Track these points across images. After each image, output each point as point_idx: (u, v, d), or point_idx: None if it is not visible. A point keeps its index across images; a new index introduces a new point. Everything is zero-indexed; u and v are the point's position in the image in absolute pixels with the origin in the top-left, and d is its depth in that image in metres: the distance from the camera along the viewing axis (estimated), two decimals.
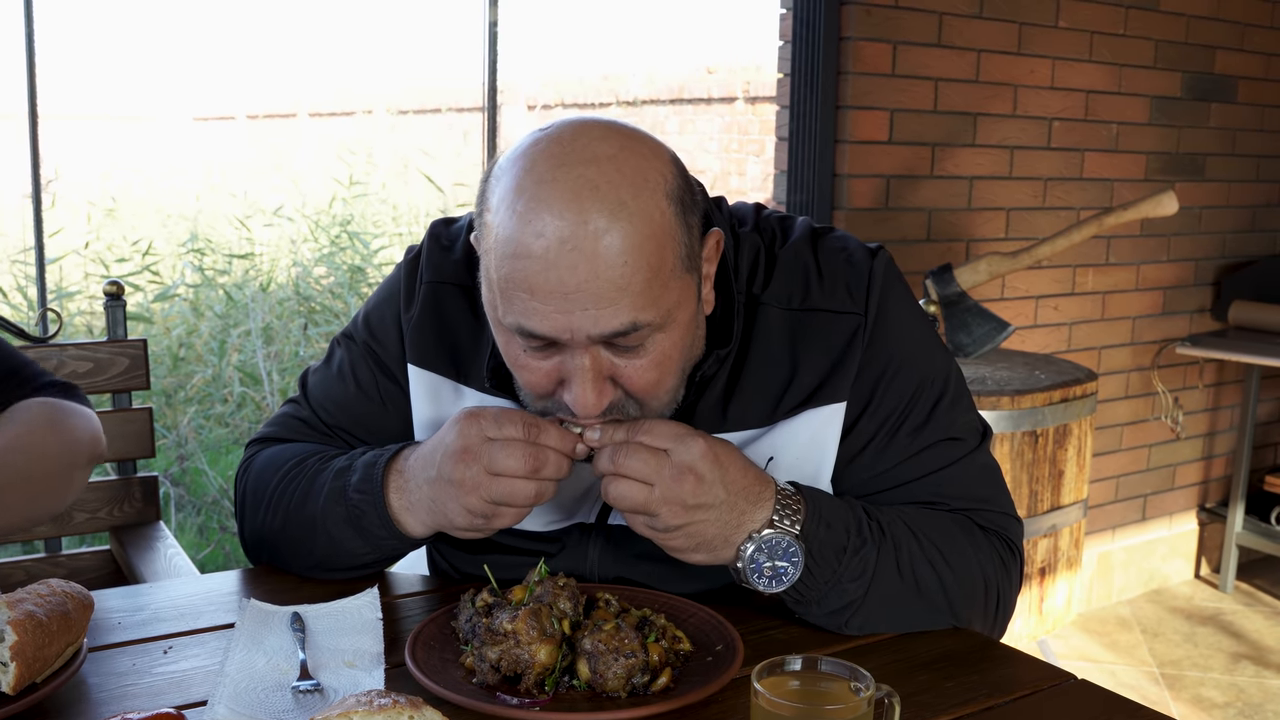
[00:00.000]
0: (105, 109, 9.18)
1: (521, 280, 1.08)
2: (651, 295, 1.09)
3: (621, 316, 1.08)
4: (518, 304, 1.09)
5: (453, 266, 1.35)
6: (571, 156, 1.08)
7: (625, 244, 1.06)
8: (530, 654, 1.06)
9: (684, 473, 1.11)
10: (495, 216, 1.10)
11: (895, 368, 1.28)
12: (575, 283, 1.06)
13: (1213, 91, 3.95)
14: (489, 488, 1.15)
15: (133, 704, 1.05)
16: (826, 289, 1.28)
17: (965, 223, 3.44)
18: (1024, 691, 1.13)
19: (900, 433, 1.28)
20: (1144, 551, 4.17)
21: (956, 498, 1.29)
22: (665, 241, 1.10)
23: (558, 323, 1.08)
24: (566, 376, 1.13)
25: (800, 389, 1.26)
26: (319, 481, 1.30)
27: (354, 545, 1.29)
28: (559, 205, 1.06)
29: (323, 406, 1.42)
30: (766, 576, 1.15)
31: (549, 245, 1.06)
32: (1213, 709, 3.31)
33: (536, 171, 1.08)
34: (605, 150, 1.09)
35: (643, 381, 1.14)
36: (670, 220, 1.10)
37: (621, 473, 1.12)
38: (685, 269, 1.13)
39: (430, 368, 1.34)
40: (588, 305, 1.07)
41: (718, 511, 1.13)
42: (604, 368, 1.13)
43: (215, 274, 5.73)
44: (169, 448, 4.64)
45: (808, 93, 3.13)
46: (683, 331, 1.16)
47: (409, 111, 8.49)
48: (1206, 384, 4.22)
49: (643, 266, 1.08)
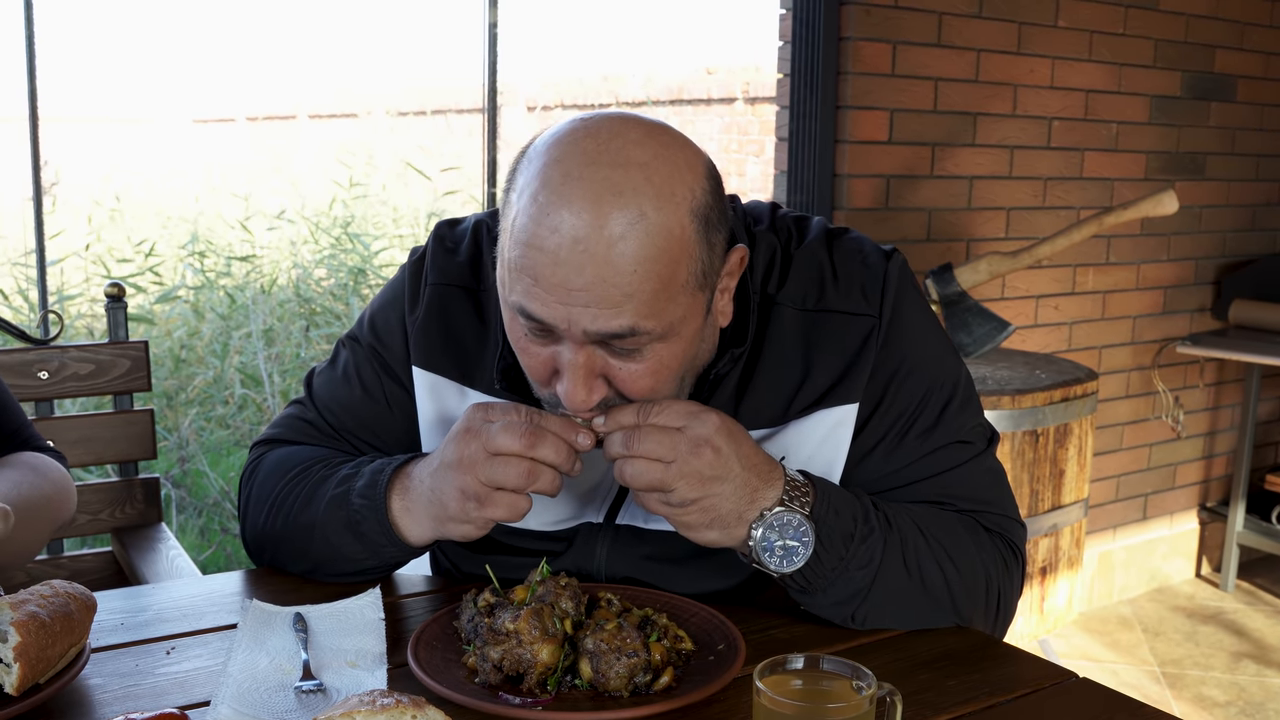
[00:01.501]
0: (105, 111, 9.19)
1: (530, 268, 1.08)
2: (657, 306, 1.09)
3: (622, 320, 1.08)
4: (522, 287, 1.10)
5: (457, 269, 1.36)
6: (603, 156, 1.07)
7: (638, 254, 1.06)
8: (532, 653, 1.06)
9: (700, 445, 1.11)
10: (518, 199, 1.11)
11: (907, 370, 1.28)
12: (581, 283, 1.06)
13: (1212, 90, 3.96)
14: (485, 467, 1.14)
15: (136, 704, 1.06)
16: (841, 290, 1.28)
17: (965, 222, 3.44)
18: (1025, 690, 1.13)
19: (910, 434, 1.28)
20: (1145, 551, 4.17)
21: (962, 499, 1.30)
22: (680, 258, 1.09)
23: (557, 312, 1.09)
24: (560, 366, 1.14)
25: (813, 389, 1.27)
26: (323, 488, 1.30)
27: (352, 551, 1.28)
28: (579, 204, 1.06)
29: (328, 408, 1.41)
30: (778, 555, 1.16)
31: (562, 242, 1.06)
32: (1214, 708, 3.31)
33: (565, 165, 1.08)
34: (639, 156, 1.08)
35: (636, 387, 1.14)
36: (690, 237, 1.10)
37: (637, 454, 1.12)
38: (698, 286, 1.13)
39: (435, 369, 1.34)
40: (590, 304, 1.07)
41: (733, 485, 1.13)
42: (597, 366, 1.13)
43: (216, 276, 5.73)
44: (170, 449, 4.64)
45: (807, 93, 3.14)
46: (685, 344, 1.16)
47: (409, 113, 8.49)
48: (1207, 383, 4.23)
49: (652, 278, 1.07)
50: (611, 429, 1.14)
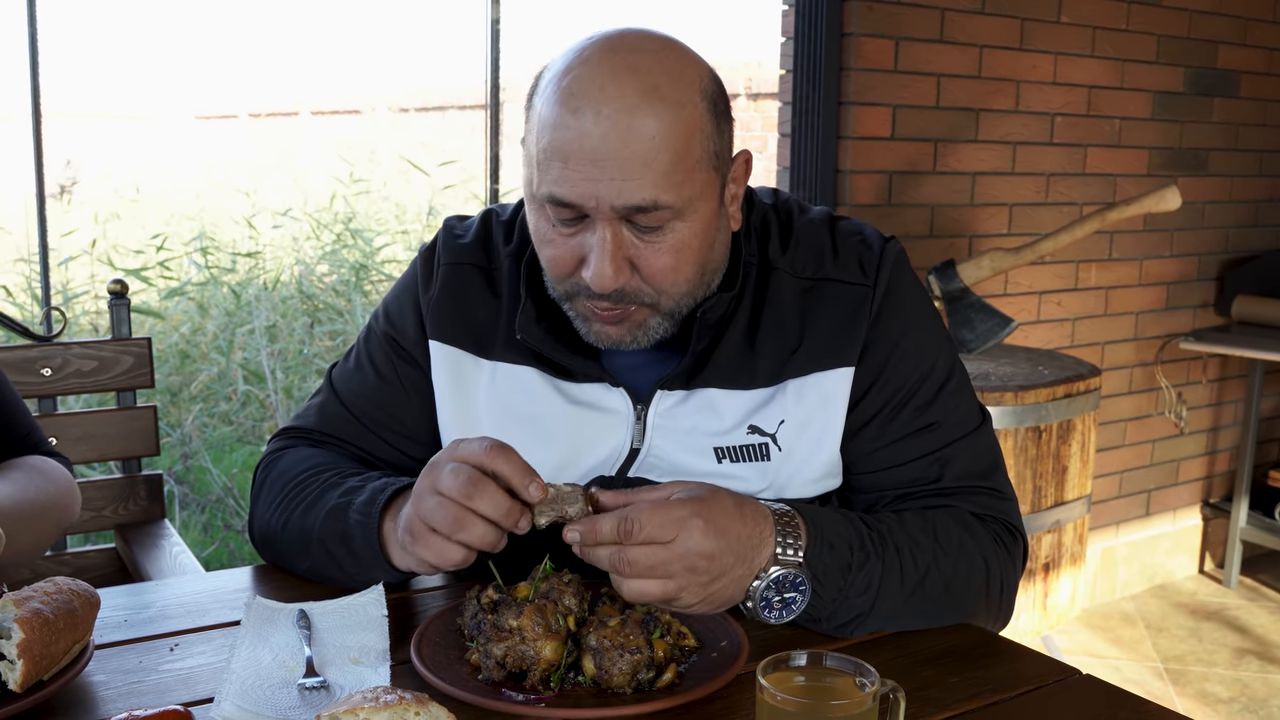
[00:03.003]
0: (108, 108, 9.19)
1: (558, 148, 1.15)
2: (675, 179, 1.16)
3: (644, 192, 1.15)
4: (551, 172, 1.17)
5: (468, 249, 1.41)
6: (618, 45, 1.18)
7: (655, 124, 1.14)
8: (535, 650, 1.06)
9: (693, 559, 1.09)
10: (540, 99, 1.19)
11: (907, 345, 1.32)
12: (606, 150, 1.14)
13: (1215, 86, 3.95)
14: (424, 502, 1.13)
15: (139, 701, 1.06)
16: (840, 263, 1.34)
17: (968, 218, 3.44)
18: (1028, 687, 1.13)
19: (906, 408, 1.32)
20: (1148, 547, 4.17)
21: (956, 475, 1.32)
22: (694, 132, 1.17)
23: (585, 190, 1.15)
24: (587, 253, 1.19)
25: (808, 352, 1.31)
26: (327, 497, 1.31)
27: (346, 563, 1.28)
28: (600, 79, 1.15)
29: (346, 397, 1.45)
30: (776, 610, 1.16)
31: (584, 116, 1.14)
32: (1217, 704, 3.31)
33: (583, 56, 1.17)
34: (649, 45, 1.19)
35: (660, 265, 1.20)
36: (701, 114, 1.18)
37: (631, 573, 1.09)
38: (711, 165, 1.20)
39: (451, 342, 1.38)
40: (614, 175, 1.14)
41: (731, 572, 1.13)
42: (624, 245, 1.19)
43: (220, 272, 5.73)
44: (173, 445, 4.64)
45: (810, 89, 3.13)
46: (703, 225, 1.21)
47: (411, 109, 8.49)
48: (1210, 379, 4.22)
49: (668, 148, 1.15)
50: (590, 543, 1.10)
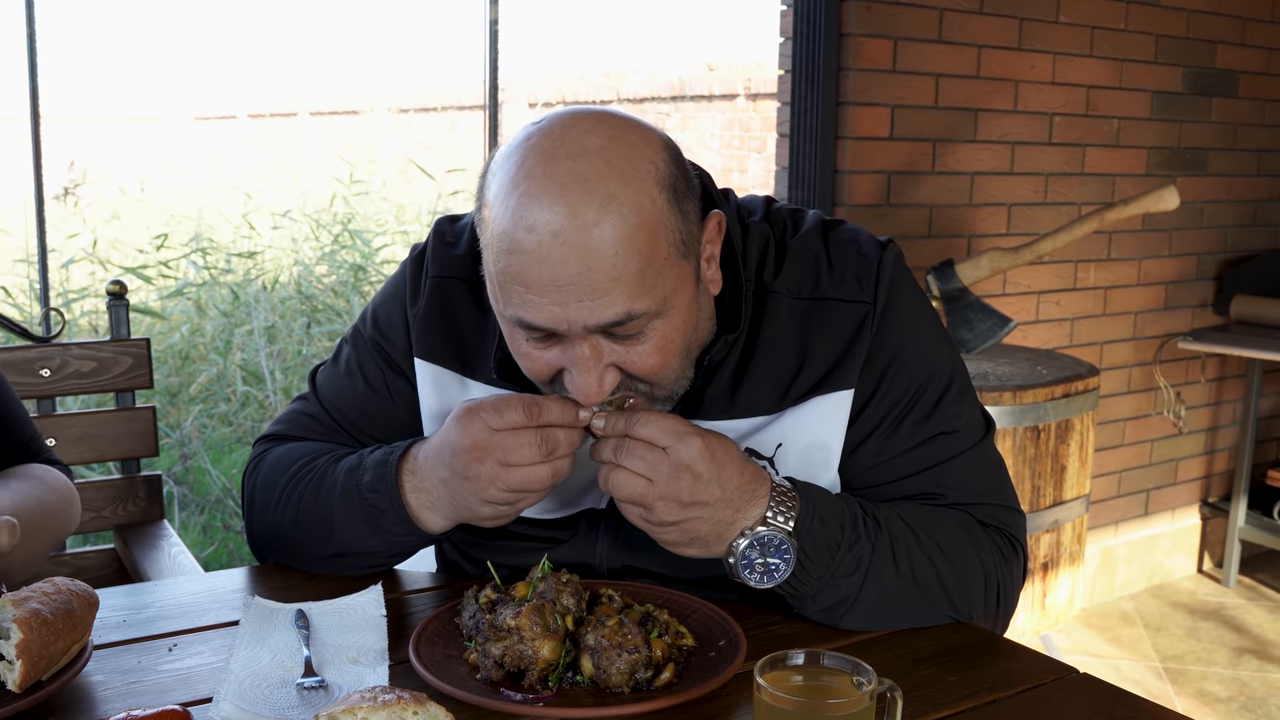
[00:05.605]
0: (109, 110, 9.20)
1: (517, 274, 1.10)
2: (645, 285, 1.10)
3: (616, 307, 1.09)
4: (515, 297, 1.11)
5: (458, 261, 1.37)
6: (561, 150, 1.09)
7: (616, 235, 1.07)
8: (534, 650, 1.06)
9: (681, 470, 1.11)
10: (491, 212, 1.12)
11: (903, 358, 1.29)
12: (568, 275, 1.08)
13: (1214, 86, 3.95)
14: (506, 478, 1.15)
15: (138, 701, 1.06)
16: (836, 279, 1.29)
17: (966, 218, 3.44)
18: (1027, 686, 1.13)
19: (905, 423, 1.29)
20: (1146, 546, 4.17)
21: (958, 490, 1.30)
22: (657, 230, 1.11)
23: (554, 314, 1.10)
24: (568, 365, 1.15)
25: (809, 376, 1.27)
26: (329, 480, 1.31)
27: (370, 544, 1.30)
28: (549, 199, 1.07)
29: (331, 403, 1.43)
30: (758, 572, 1.16)
31: (541, 239, 1.07)
32: (1216, 703, 3.31)
33: (527, 166, 1.10)
34: (594, 142, 1.10)
35: (647, 366, 1.15)
36: (662, 208, 1.11)
37: (621, 464, 1.13)
38: (681, 255, 1.14)
39: (436, 361, 1.36)
40: (582, 297, 1.08)
41: (713, 509, 1.13)
42: (604, 355, 1.14)
43: (219, 273, 5.73)
44: (172, 446, 4.64)
45: (809, 89, 3.13)
46: (683, 316, 1.17)
47: (410, 110, 8.49)
48: (1209, 379, 4.22)
49: (635, 256, 1.09)
50: (608, 433, 1.14)
